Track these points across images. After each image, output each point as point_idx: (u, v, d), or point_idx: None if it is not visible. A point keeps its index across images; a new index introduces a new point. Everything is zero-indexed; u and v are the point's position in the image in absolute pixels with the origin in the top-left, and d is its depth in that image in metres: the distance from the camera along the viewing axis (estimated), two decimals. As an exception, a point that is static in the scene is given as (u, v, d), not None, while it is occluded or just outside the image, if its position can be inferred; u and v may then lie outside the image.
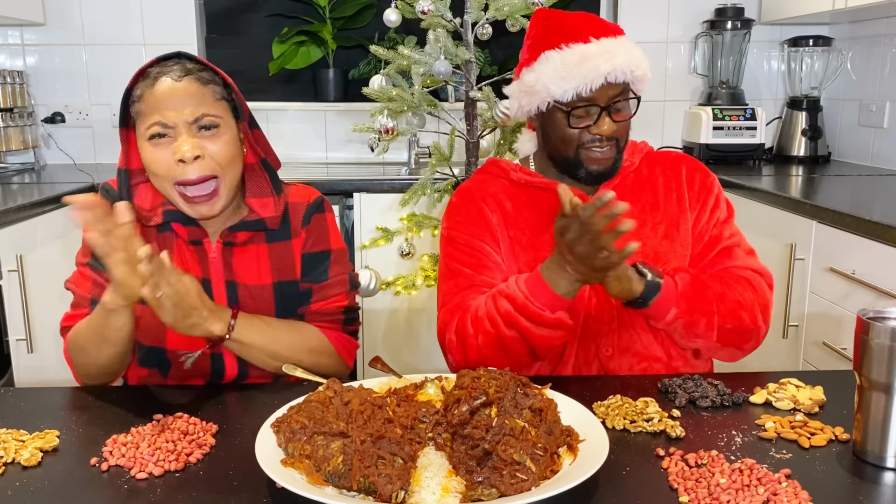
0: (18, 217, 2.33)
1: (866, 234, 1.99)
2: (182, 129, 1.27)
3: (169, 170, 1.27)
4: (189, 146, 1.26)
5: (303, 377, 1.30)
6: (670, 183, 1.53)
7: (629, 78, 1.40)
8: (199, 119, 1.28)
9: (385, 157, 2.50)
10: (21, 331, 2.34)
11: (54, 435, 1.08)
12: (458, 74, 2.32)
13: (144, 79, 1.30)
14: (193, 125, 1.28)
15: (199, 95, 1.29)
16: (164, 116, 1.27)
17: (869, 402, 0.99)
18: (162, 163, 1.28)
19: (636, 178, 1.53)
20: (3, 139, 3.10)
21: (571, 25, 1.41)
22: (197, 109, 1.27)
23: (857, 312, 1.00)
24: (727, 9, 3.28)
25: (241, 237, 1.37)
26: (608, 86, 1.38)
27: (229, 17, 3.45)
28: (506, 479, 0.89)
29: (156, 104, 1.27)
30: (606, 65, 1.36)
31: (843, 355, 2.07)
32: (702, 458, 0.99)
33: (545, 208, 1.48)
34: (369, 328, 2.88)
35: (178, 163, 1.26)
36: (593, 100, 1.39)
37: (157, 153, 1.28)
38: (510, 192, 1.51)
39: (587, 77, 1.36)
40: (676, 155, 1.59)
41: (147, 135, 1.28)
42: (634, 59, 1.39)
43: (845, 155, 3.30)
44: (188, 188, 1.28)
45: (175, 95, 1.27)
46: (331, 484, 0.92)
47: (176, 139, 1.27)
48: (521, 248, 1.47)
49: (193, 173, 1.27)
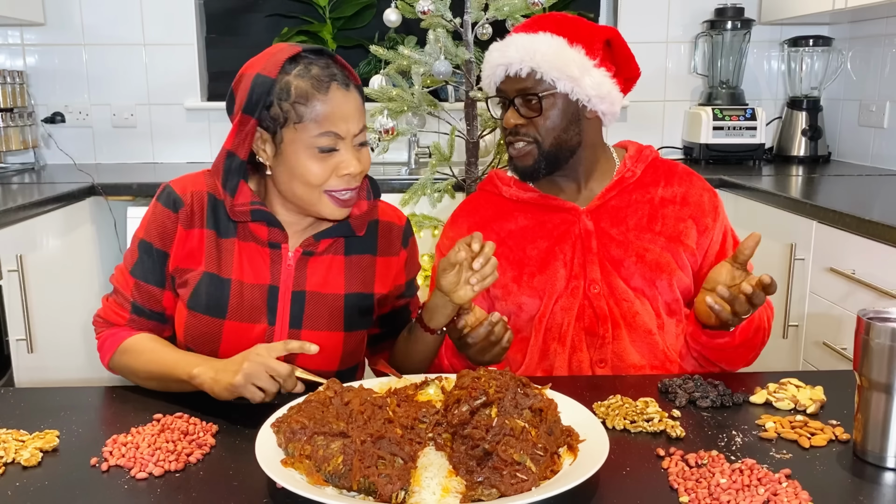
0: (18, 217, 2.33)
1: (866, 234, 1.99)
2: (348, 143, 1.25)
3: (326, 179, 1.24)
4: (356, 164, 1.25)
5: (303, 377, 1.30)
6: (674, 197, 1.51)
7: (529, 72, 1.40)
8: (361, 132, 1.26)
9: (385, 157, 2.50)
10: (21, 331, 2.34)
11: (54, 435, 1.08)
12: (458, 74, 2.32)
13: (303, 77, 1.23)
14: (356, 138, 1.26)
15: (362, 107, 1.28)
16: (339, 129, 1.23)
17: (869, 402, 0.99)
18: (322, 174, 1.24)
19: (636, 186, 1.52)
20: (3, 139, 3.09)
21: (526, 21, 1.50)
22: (360, 122, 1.26)
23: (857, 312, 1.00)
24: (727, 9, 3.28)
25: (323, 245, 1.33)
26: (514, 79, 1.43)
27: (229, 17, 3.45)
28: (506, 479, 0.89)
29: (328, 114, 1.22)
30: (501, 57, 1.43)
31: (843, 355, 2.07)
32: (702, 458, 0.99)
33: (533, 222, 1.50)
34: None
35: (344, 176, 1.25)
36: (502, 92, 1.47)
37: (319, 165, 1.23)
38: (502, 209, 1.54)
39: (489, 67, 1.47)
40: (684, 169, 1.56)
41: (314, 144, 1.22)
42: (530, 53, 1.40)
43: (845, 155, 3.30)
44: (341, 193, 1.26)
45: (349, 106, 1.24)
46: (331, 484, 0.92)
47: (341, 151, 1.24)
48: (509, 263, 1.49)
49: (352, 184, 1.26)
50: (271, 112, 1.23)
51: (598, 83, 1.42)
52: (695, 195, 1.51)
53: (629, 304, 1.45)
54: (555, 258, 1.48)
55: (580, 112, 1.45)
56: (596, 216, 1.49)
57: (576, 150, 1.47)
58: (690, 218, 1.49)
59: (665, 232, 1.48)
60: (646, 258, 1.45)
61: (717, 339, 1.39)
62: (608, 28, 1.48)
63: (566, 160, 1.47)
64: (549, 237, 1.49)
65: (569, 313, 1.46)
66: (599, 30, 1.46)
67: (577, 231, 1.48)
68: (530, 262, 1.48)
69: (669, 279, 1.45)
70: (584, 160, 1.49)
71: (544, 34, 1.42)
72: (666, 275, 1.45)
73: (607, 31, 1.46)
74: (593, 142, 1.49)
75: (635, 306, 1.45)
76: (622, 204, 1.50)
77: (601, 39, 1.44)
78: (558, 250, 1.48)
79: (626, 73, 1.49)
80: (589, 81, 1.41)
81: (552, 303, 1.47)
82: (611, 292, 1.46)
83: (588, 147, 1.49)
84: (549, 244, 1.49)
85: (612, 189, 1.49)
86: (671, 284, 1.46)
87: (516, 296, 1.48)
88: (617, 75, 1.46)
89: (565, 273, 1.47)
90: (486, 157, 2.41)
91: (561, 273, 1.47)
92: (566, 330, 1.46)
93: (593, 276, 1.46)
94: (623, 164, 1.52)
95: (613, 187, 1.50)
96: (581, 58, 1.41)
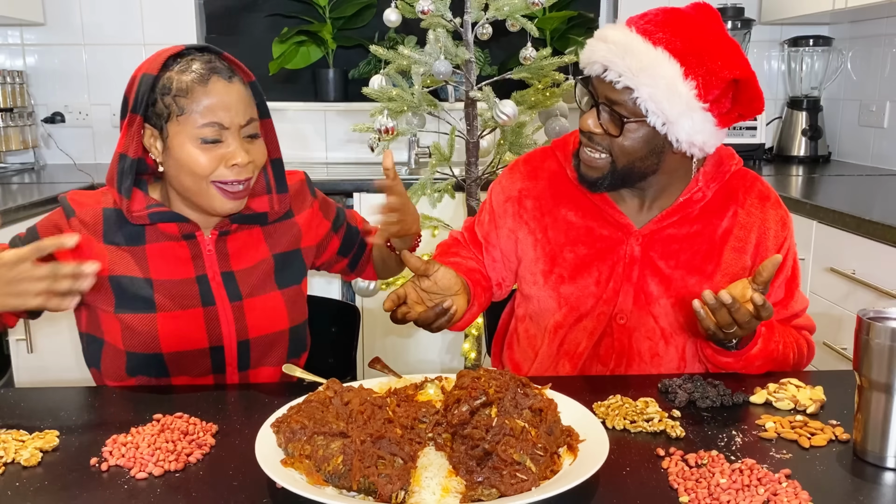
0: (18, 217, 2.33)
1: (866, 234, 1.99)
2: (233, 133, 1.26)
3: (213, 170, 1.26)
4: (243, 154, 1.26)
5: (303, 377, 1.30)
6: (741, 229, 1.36)
7: (625, 87, 1.23)
8: (248, 124, 1.28)
9: (385, 157, 2.50)
10: (21, 331, 2.34)
11: (54, 435, 1.08)
12: (458, 74, 2.32)
13: (185, 72, 1.25)
14: (242, 129, 1.27)
15: (248, 98, 1.29)
16: (221, 119, 1.24)
17: (869, 402, 0.99)
18: (208, 165, 1.25)
19: (702, 213, 1.36)
20: (3, 139, 3.09)
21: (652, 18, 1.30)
22: (247, 114, 1.28)
23: (857, 312, 1.00)
24: (727, 9, 3.27)
25: (237, 225, 1.37)
26: (608, 84, 1.26)
27: (229, 17, 3.44)
28: (506, 479, 0.89)
29: (210, 105, 1.24)
30: (603, 54, 1.25)
31: (843, 355, 2.07)
32: (702, 458, 0.99)
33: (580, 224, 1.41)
34: (369, 328, 2.88)
35: (233, 167, 1.26)
36: (593, 87, 1.30)
37: (205, 155, 1.25)
38: (560, 188, 1.44)
39: (590, 54, 1.29)
40: (761, 191, 1.40)
41: (197, 135, 1.25)
42: (635, 70, 1.22)
43: (845, 155, 3.30)
44: (232, 185, 1.28)
45: (231, 97, 1.25)
46: (331, 484, 0.92)
47: (226, 142, 1.26)
48: (543, 254, 1.43)
49: (241, 175, 1.28)
50: (156, 108, 1.26)
51: (697, 129, 1.24)
52: (764, 226, 1.37)
53: (652, 345, 1.39)
54: (588, 272, 1.39)
55: (665, 146, 1.28)
56: (647, 242, 1.37)
57: (648, 176, 1.33)
58: (750, 255, 1.37)
59: (718, 272, 1.36)
60: (685, 303, 1.35)
61: (721, 356, 1.30)
62: (742, 66, 1.24)
63: (636, 182, 1.34)
64: (592, 247, 1.39)
65: (589, 338, 1.40)
66: (730, 66, 1.23)
67: (622, 252, 1.38)
68: (562, 266, 1.40)
69: None
70: (655, 183, 1.35)
71: (663, 52, 1.22)
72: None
73: (740, 71, 1.24)
74: (672, 169, 1.34)
75: (658, 348, 1.39)
76: (680, 234, 1.36)
77: (726, 78, 1.23)
78: (595, 266, 1.39)
79: (743, 110, 1.29)
80: (687, 125, 1.23)
81: (574, 320, 1.41)
82: (636, 328, 1.38)
83: (665, 174, 1.34)
84: (588, 254, 1.39)
85: (674, 213, 1.36)
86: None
87: (540, 289, 1.43)
88: (730, 112, 1.28)
89: (595, 292, 1.39)
90: (486, 157, 2.41)
91: (591, 290, 1.39)
92: (581, 352, 1.41)
93: (623, 307, 1.38)
94: (694, 182, 1.36)
95: (676, 210, 1.36)
96: (690, 97, 1.22)
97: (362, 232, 1.55)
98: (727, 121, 1.29)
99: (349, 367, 1.70)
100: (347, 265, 1.57)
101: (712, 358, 1.32)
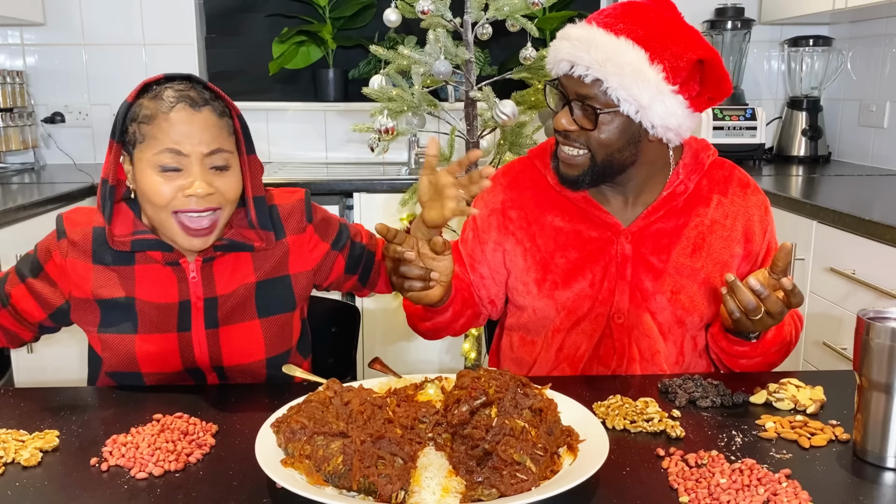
0: (18, 217, 2.33)
1: (866, 234, 1.99)
2: (195, 162, 1.23)
3: (172, 200, 1.23)
4: (203, 185, 1.22)
5: (303, 377, 1.30)
6: (726, 217, 1.39)
7: (594, 80, 1.25)
8: (214, 153, 1.24)
9: (385, 157, 2.50)
10: (21, 331, 2.33)
11: (54, 435, 1.08)
12: (458, 74, 2.32)
13: (154, 99, 1.24)
14: (207, 159, 1.24)
15: (217, 129, 1.25)
16: (181, 147, 1.21)
17: (869, 402, 0.99)
18: (166, 195, 1.23)
19: (687, 205, 1.39)
20: (3, 139, 3.09)
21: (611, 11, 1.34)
22: (214, 143, 1.24)
23: (857, 312, 1.00)
24: (727, 9, 3.28)
25: (221, 252, 1.33)
26: (577, 80, 1.28)
27: (229, 17, 3.44)
28: (506, 479, 0.89)
29: (171, 132, 1.21)
30: (569, 52, 1.28)
31: (843, 355, 2.07)
32: (702, 458, 0.99)
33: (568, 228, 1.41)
34: (369, 328, 2.88)
35: (189, 197, 1.22)
36: (563, 87, 1.32)
37: (164, 185, 1.22)
38: (543, 196, 1.44)
39: (555, 54, 1.32)
40: (740, 178, 1.44)
41: (156, 162, 1.22)
42: (601, 60, 1.24)
43: (845, 155, 3.30)
44: (189, 216, 1.24)
45: (193, 126, 1.22)
46: (331, 484, 0.92)
47: (186, 171, 1.23)
48: (534, 262, 1.42)
49: (201, 205, 1.24)
50: (127, 135, 1.26)
51: (669, 112, 1.26)
52: (748, 213, 1.40)
53: (651, 342, 1.39)
54: (582, 275, 1.39)
55: (641, 134, 1.30)
56: (637, 239, 1.38)
57: (628, 168, 1.34)
58: (739, 243, 1.39)
59: (709, 262, 1.38)
60: (680, 297, 1.37)
61: (737, 346, 1.32)
62: (705, 47, 1.27)
63: (615, 175, 1.34)
64: (582, 250, 1.40)
65: (588, 340, 1.40)
66: (693, 47, 1.26)
67: (613, 252, 1.38)
68: (555, 272, 1.40)
69: (701, 315, 1.39)
70: (635, 176, 1.36)
71: (626, 41, 1.24)
72: (698, 313, 1.38)
73: (703, 52, 1.26)
74: (651, 160, 1.35)
75: (657, 345, 1.39)
76: (668, 228, 1.38)
77: (692, 60, 1.25)
78: (588, 269, 1.39)
79: (713, 93, 1.31)
80: (659, 109, 1.25)
81: (571, 324, 1.41)
82: (635, 326, 1.39)
83: (644, 165, 1.35)
84: (579, 257, 1.39)
85: (660, 208, 1.37)
86: (702, 320, 1.40)
87: (534, 298, 1.42)
88: (700, 95, 1.30)
89: (591, 294, 1.39)
90: (486, 157, 2.41)
91: (586, 293, 1.39)
92: (581, 355, 1.41)
93: (620, 306, 1.38)
94: (675, 174, 1.38)
95: (661, 205, 1.37)
96: (658, 80, 1.24)
97: (368, 246, 1.49)
98: (699, 104, 1.31)
99: (349, 367, 1.70)
100: (358, 281, 1.50)
101: (728, 348, 1.33)
